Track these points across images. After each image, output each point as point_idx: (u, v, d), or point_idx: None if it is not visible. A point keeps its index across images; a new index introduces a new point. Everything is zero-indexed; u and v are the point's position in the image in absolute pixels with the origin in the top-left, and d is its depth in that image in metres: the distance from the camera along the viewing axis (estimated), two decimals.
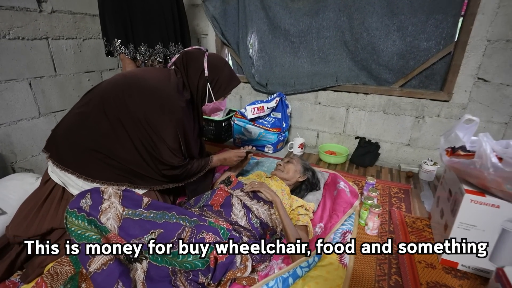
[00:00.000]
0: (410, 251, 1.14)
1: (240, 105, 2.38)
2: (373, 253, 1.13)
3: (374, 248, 1.14)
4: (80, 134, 1.07)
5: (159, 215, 0.93)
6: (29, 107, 1.57)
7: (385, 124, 1.93)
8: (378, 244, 1.16)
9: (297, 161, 1.42)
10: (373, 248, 1.14)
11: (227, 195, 1.17)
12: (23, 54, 1.50)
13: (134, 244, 0.86)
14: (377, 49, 1.84)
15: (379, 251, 1.14)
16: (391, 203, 1.51)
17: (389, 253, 1.14)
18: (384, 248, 1.15)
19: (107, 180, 1.09)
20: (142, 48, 1.55)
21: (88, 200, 0.87)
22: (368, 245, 1.15)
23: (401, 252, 1.13)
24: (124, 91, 1.07)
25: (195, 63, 1.17)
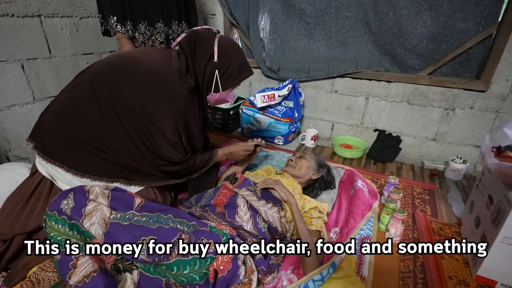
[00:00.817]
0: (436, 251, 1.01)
1: (249, 92, 2.22)
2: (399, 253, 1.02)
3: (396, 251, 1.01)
4: (68, 123, 0.94)
5: (152, 219, 0.81)
6: (23, 92, 1.46)
7: (409, 116, 1.75)
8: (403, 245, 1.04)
9: (311, 156, 1.27)
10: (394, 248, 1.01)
11: (231, 194, 1.05)
12: (13, 33, 1.37)
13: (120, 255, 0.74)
14: (404, 31, 1.63)
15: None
16: (414, 205, 1.36)
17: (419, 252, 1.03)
18: (410, 248, 1.03)
19: (98, 175, 0.98)
20: (141, 27, 1.40)
21: (70, 201, 0.75)
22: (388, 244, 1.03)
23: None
24: (117, 75, 0.93)
25: (204, 45, 1.02)
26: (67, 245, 0.72)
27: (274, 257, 0.95)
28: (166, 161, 1.00)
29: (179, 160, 1.02)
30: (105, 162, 0.97)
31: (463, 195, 1.45)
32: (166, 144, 0.97)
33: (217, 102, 1.15)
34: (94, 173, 0.97)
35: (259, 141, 1.30)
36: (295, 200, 1.02)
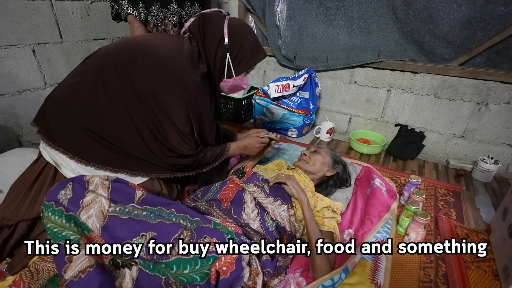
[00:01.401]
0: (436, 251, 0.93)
1: (263, 81, 2.14)
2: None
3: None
4: (72, 108, 0.90)
5: (153, 213, 0.77)
6: (34, 77, 1.45)
7: (435, 110, 1.61)
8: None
9: (326, 152, 1.19)
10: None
11: (238, 190, 0.99)
12: (24, 16, 1.35)
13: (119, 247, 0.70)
14: (435, 17, 1.48)
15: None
16: (437, 208, 1.25)
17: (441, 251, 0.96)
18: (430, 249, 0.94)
19: (102, 164, 0.94)
20: (154, 9, 1.34)
21: (68, 192, 0.72)
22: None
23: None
24: (127, 59, 0.88)
25: (213, 28, 0.95)
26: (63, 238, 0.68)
27: (282, 258, 0.89)
28: (174, 153, 0.94)
29: (189, 153, 0.96)
30: (110, 151, 0.94)
31: (492, 199, 1.33)
32: (176, 135, 0.92)
33: (232, 90, 1.08)
34: (98, 162, 0.93)
35: (274, 136, 1.23)
36: (307, 199, 0.95)
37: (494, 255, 1.00)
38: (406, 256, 0.99)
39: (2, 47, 1.31)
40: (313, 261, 0.85)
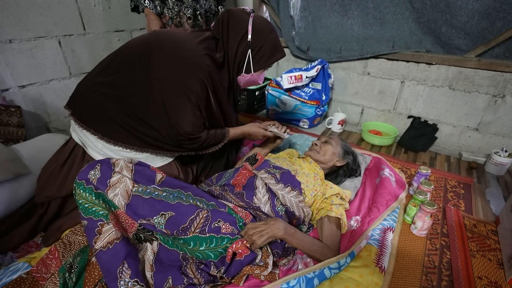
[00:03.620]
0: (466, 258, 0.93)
1: (276, 72, 2.16)
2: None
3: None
4: (101, 95, 0.97)
5: (172, 195, 0.83)
6: (60, 67, 1.54)
7: (449, 102, 1.59)
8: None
9: (337, 142, 1.22)
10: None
11: (250, 176, 1.04)
12: (51, 9, 1.43)
13: (142, 224, 0.78)
14: (453, 6, 1.45)
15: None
16: (446, 199, 1.26)
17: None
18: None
19: (129, 144, 0.99)
20: (169, 2, 1.39)
21: (97, 172, 0.79)
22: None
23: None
24: (148, 49, 0.93)
25: (238, 24, 0.99)
26: (93, 212, 0.76)
27: None
28: (181, 134, 0.97)
29: (192, 133, 0.98)
30: (136, 132, 0.99)
31: (504, 192, 1.32)
32: (186, 113, 0.94)
33: (247, 84, 1.12)
34: (126, 142, 0.99)
35: (282, 131, 1.22)
36: (282, 231, 0.85)
37: (500, 246, 1.01)
38: (412, 243, 1.02)
39: (32, 39, 1.40)
40: (317, 259, 0.89)
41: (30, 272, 0.81)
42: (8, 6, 1.29)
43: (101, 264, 0.73)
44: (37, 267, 0.82)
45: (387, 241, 0.99)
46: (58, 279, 0.74)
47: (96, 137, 0.98)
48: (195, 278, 0.76)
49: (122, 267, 0.72)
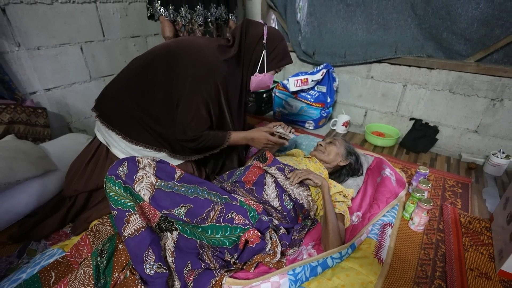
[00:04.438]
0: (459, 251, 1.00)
1: (283, 76, 2.25)
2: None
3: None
4: (126, 99, 1.07)
5: (190, 190, 0.93)
6: (81, 71, 1.66)
7: (450, 105, 1.66)
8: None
9: (340, 143, 1.30)
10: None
11: (260, 173, 1.13)
12: (74, 18, 1.54)
13: (164, 214, 0.88)
14: (453, 14, 1.52)
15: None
16: (444, 197, 1.34)
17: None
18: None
19: (149, 143, 1.10)
20: (182, 10, 1.49)
21: (124, 168, 0.89)
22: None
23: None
24: (171, 55, 1.04)
25: (255, 28, 1.12)
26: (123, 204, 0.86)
27: (297, 233, 1.03)
28: (185, 132, 1.04)
29: (193, 135, 1.05)
30: (155, 134, 1.10)
31: (501, 191, 1.39)
32: (194, 112, 1.02)
33: (259, 85, 1.21)
34: (146, 142, 1.10)
35: (287, 132, 1.25)
36: (327, 183, 1.07)
37: (493, 241, 1.09)
38: (409, 237, 1.10)
39: (57, 46, 1.52)
40: (327, 235, 0.98)
41: (65, 256, 0.91)
42: (37, 16, 1.40)
43: (129, 249, 0.82)
44: (71, 252, 0.92)
45: (386, 235, 1.07)
46: (92, 262, 0.84)
47: (120, 137, 1.08)
48: (211, 263, 0.86)
49: (147, 252, 0.82)
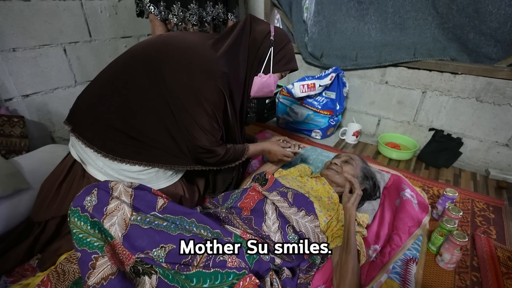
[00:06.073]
0: None
1: (288, 80, 2.07)
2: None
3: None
4: (103, 109, 0.89)
5: (173, 225, 0.76)
6: (65, 75, 1.50)
7: (476, 115, 1.47)
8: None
9: (357, 163, 1.11)
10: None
11: (260, 198, 0.96)
12: (56, 16, 1.39)
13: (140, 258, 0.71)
14: (482, 11, 1.33)
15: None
16: (474, 225, 1.15)
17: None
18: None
19: (138, 160, 0.92)
20: (175, 8, 1.32)
21: (93, 198, 0.73)
22: None
23: None
24: (155, 55, 0.87)
25: (261, 24, 0.99)
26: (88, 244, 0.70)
27: (303, 274, 0.86)
28: (200, 147, 0.91)
29: (212, 146, 0.92)
30: (144, 146, 0.92)
31: None
32: (203, 125, 0.88)
33: (261, 89, 1.04)
34: (134, 158, 0.92)
35: (297, 149, 1.19)
36: (355, 212, 0.94)
37: None
38: (438, 277, 0.92)
39: (36, 47, 1.36)
40: (345, 274, 0.81)
41: None
42: (12, 14, 1.25)
43: None
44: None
45: (410, 275, 0.89)
46: None
47: (100, 155, 0.91)
48: None
49: None
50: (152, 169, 0.96)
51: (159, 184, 0.99)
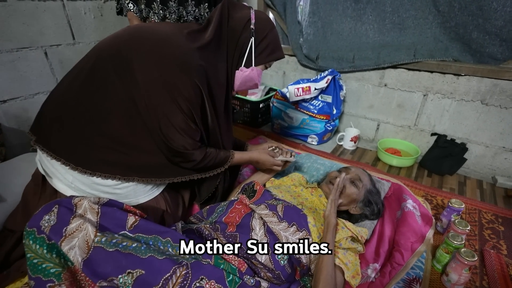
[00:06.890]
0: None
1: (283, 83, 1.99)
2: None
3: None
4: (72, 115, 0.81)
5: (145, 245, 0.67)
6: (46, 79, 1.43)
7: (481, 119, 1.38)
8: None
9: (364, 186, 1.00)
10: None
11: (246, 212, 0.87)
12: (35, 17, 1.32)
13: (102, 286, 0.62)
14: (487, 9, 1.25)
15: None
16: (482, 238, 1.06)
17: None
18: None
19: (110, 173, 0.83)
20: (155, 5, 1.25)
21: (52, 217, 0.64)
22: None
23: None
24: (123, 49, 0.78)
25: (240, 11, 0.90)
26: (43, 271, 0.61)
27: None
28: (179, 152, 0.83)
29: (192, 148, 0.83)
30: (119, 155, 0.83)
31: None
32: (179, 124, 0.80)
33: (244, 84, 0.96)
34: (106, 171, 0.82)
35: (289, 157, 1.10)
36: (336, 221, 0.86)
37: None
38: None
39: (14, 50, 1.29)
40: (316, 285, 0.73)
41: None
42: None
43: None
44: None
45: None
46: None
47: (68, 168, 0.82)
48: None
49: None
50: (128, 183, 0.87)
51: (137, 199, 0.90)
